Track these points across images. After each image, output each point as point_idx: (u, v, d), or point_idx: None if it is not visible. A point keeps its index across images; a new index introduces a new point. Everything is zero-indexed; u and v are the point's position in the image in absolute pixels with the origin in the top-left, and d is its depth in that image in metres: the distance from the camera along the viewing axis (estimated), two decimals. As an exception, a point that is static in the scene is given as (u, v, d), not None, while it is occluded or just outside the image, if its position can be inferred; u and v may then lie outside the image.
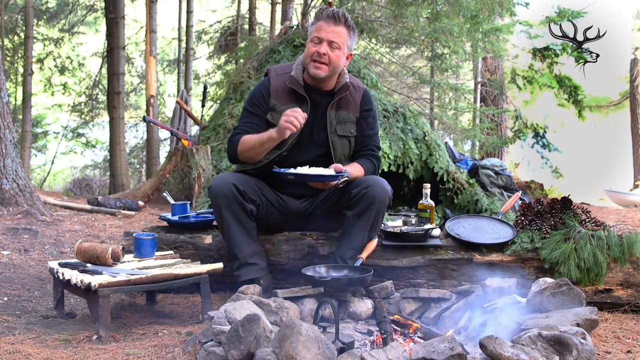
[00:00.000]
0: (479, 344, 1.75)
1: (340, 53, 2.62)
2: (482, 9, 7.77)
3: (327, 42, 2.60)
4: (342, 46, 2.62)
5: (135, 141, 16.16)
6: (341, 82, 2.72)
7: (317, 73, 2.62)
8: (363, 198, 2.54)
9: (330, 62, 2.61)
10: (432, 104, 12.41)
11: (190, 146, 6.45)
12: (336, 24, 2.61)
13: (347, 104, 2.74)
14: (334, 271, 2.40)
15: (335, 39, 2.60)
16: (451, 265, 2.70)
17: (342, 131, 2.72)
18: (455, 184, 5.52)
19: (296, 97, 2.70)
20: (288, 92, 2.71)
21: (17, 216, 4.71)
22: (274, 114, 2.70)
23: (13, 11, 12.79)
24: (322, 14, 2.64)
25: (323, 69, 2.62)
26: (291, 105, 2.67)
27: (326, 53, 2.59)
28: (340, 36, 2.61)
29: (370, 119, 2.80)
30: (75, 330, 2.32)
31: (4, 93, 4.97)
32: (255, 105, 2.74)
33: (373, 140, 2.80)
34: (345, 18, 2.63)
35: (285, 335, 1.68)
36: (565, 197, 2.83)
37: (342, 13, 2.63)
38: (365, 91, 2.83)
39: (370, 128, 2.79)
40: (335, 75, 2.69)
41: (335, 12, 2.62)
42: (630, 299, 2.63)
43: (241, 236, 2.57)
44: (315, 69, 2.62)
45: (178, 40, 13.76)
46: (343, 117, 2.73)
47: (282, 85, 2.72)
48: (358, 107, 2.77)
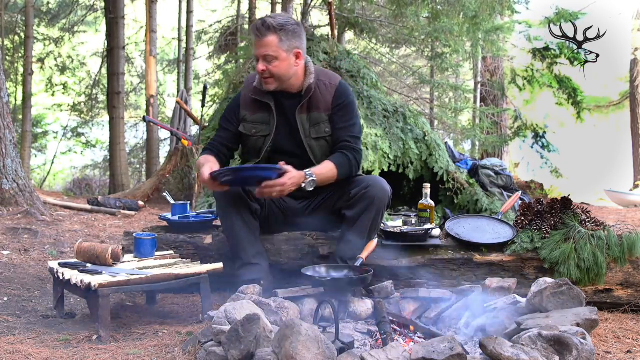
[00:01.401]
0: (479, 344, 1.75)
1: (278, 62, 2.55)
2: (482, 8, 7.77)
3: (261, 58, 2.56)
4: (277, 55, 2.54)
5: (135, 141, 16.16)
6: (306, 84, 2.65)
7: (266, 88, 2.62)
8: (362, 198, 2.53)
9: (273, 74, 2.57)
10: (432, 104, 12.42)
11: (190, 146, 6.45)
12: (263, 36, 2.54)
13: (317, 104, 2.67)
14: (334, 271, 2.40)
15: (266, 52, 2.54)
16: (451, 265, 2.70)
17: (316, 133, 2.66)
18: (455, 184, 5.52)
19: (263, 105, 2.69)
20: (255, 101, 2.70)
21: (17, 216, 4.71)
22: (245, 124, 2.72)
23: (13, 11, 12.79)
24: (251, 29, 2.61)
25: (270, 82, 2.60)
26: (259, 114, 2.69)
27: (265, 68, 2.56)
28: (271, 46, 2.53)
29: (343, 110, 2.68)
30: (75, 330, 2.32)
31: (4, 93, 4.97)
32: (226, 120, 2.78)
33: (348, 131, 2.67)
34: (268, 25, 2.54)
35: (285, 335, 1.68)
36: (565, 197, 2.83)
37: (263, 22, 2.55)
38: (338, 86, 2.70)
39: (344, 121, 2.67)
40: (288, 80, 2.62)
41: (258, 25, 2.56)
42: (630, 299, 2.63)
43: (246, 236, 2.57)
44: (265, 85, 2.61)
45: (178, 40, 13.76)
46: (315, 118, 2.66)
47: (249, 95, 2.73)
48: (329, 105, 2.67)
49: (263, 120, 2.69)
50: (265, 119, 2.69)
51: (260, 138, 2.69)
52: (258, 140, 2.70)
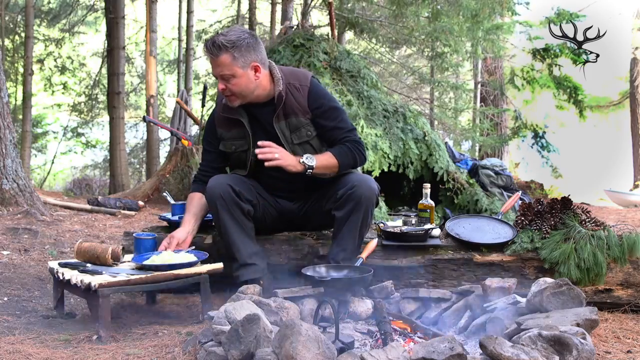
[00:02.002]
0: (479, 344, 1.75)
1: (236, 80, 2.52)
2: (482, 8, 7.77)
3: (219, 77, 2.54)
4: (233, 72, 2.50)
5: (135, 141, 16.17)
6: (276, 91, 2.60)
7: (232, 104, 2.60)
8: (350, 198, 2.52)
9: (234, 92, 2.55)
10: (432, 104, 12.42)
11: (190, 146, 6.46)
12: (215, 56, 2.50)
13: (293, 109, 2.62)
14: (334, 271, 2.40)
15: (221, 71, 2.51)
16: (451, 265, 2.70)
17: (298, 138, 2.63)
18: (455, 184, 5.52)
19: (234, 122, 2.67)
20: (227, 118, 2.69)
21: (17, 216, 4.71)
22: (224, 142, 2.72)
23: (13, 11, 12.80)
24: (204, 50, 2.61)
25: (233, 99, 2.58)
26: (234, 131, 2.68)
27: (224, 87, 2.54)
28: (225, 65, 2.50)
29: (327, 112, 2.64)
30: (75, 330, 2.32)
31: (4, 93, 4.97)
32: (207, 142, 2.81)
33: (341, 129, 2.65)
34: (219, 45, 2.47)
35: (285, 335, 1.68)
36: (565, 197, 2.82)
37: (213, 42, 2.50)
38: (310, 88, 2.64)
39: (331, 120, 2.64)
40: (251, 93, 2.58)
41: (209, 45, 2.52)
42: (630, 299, 2.63)
43: (239, 237, 2.56)
44: (229, 102, 2.60)
45: (178, 40, 13.77)
46: (294, 124, 2.62)
47: (221, 114, 2.72)
48: (306, 108, 2.63)
49: (239, 136, 2.68)
50: (242, 134, 2.67)
51: (242, 153, 2.69)
52: (241, 155, 2.70)
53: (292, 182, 2.66)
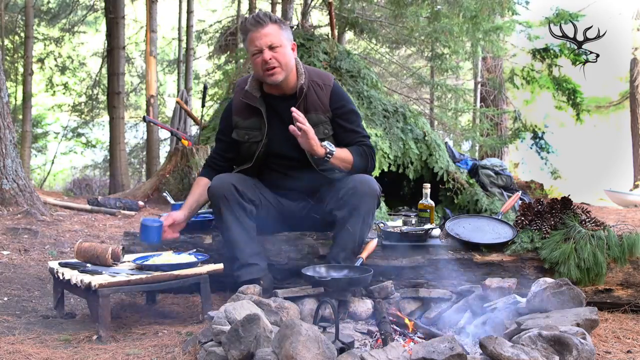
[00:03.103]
0: (479, 344, 1.75)
1: (283, 50, 2.57)
2: (482, 9, 7.77)
3: (266, 48, 2.55)
4: (281, 42, 2.56)
5: (135, 141, 16.17)
6: (298, 84, 2.65)
7: (274, 79, 2.58)
8: (351, 198, 2.52)
9: (280, 62, 2.56)
10: (432, 104, 12.42)
11: (190, 146, 6.45)
12: (263, 26, 2.54)
13: (314, 106, 2.66)
14: (334, 271, 2.40)
15: (271, 40, 2.54)
16: (451, 265, 2.70)
17: (315, 135, 2.63)
18: (455, 184, 5.52)
19: (254, 110, 2.68)
20: (246, 106, 2.70)
21: (17, 216, 4.71)
22: (238, 130, 2.72)
23: (13, 11, 12.80)
24: (246, 25, 2.60)
25: (278, 72, 2.57)
26: (250, 120, 2.68)
27: (271, 57, 2.55)
28: (274, 35, 2.55)
29: (347, 114, 2.71)
30: (75, 330, 2.32)
31: (4, 93, 4.97)
32: (221, 131, 2.82)
33: (357, 132, 2.71)
34: (269, 16, 2.58)
35: (285, 335, 1.68)
36: (565, 197, 2.82)
37: (264, 13, 2.59)
38: (333, 88, 2.70)
39: (350, 122, 2.70)
40: (291, 72, 2.62)
41: (257, 16, 2.57)
42: (630, 299, 2.63)
43: (241, 236, 2.57)
44: (271, 76, 2.58)
45: (178, 40, 13.77)
46: (313, 120, 2.63)
47: (241, 100, 2.72)
48: (328, 107, 2.67)
49: (255, 126, 2.68)
50: (257, 124, 2.68)
51: (253, 144, 2.69)
52: (251, 146, 2.70)
53: (296, 177, 2.67)
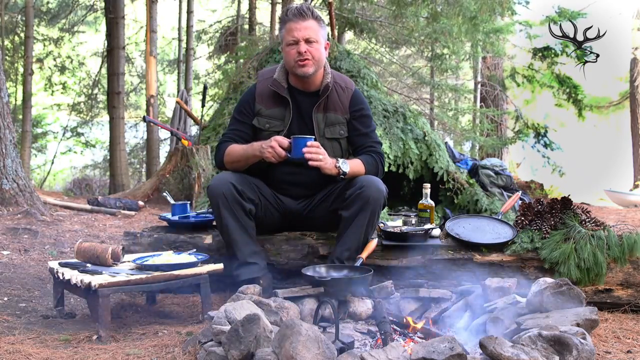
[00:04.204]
0: (479, 344, 1.75)
1: (318, 46, 2.63)
2: (482, 9, 7.77)
3: (303, 40, 2.60)
4: (317, 38, 2.62)
5: (135, 141, 16.15)
6: (324, 83, 2.70)
7: (305, 71, 2.62)
8: (357, 199, 2.53)
9: (313, 57, 2.62)
10: (432, 104, 12.41)
11: (190, 146, 6.45)
12: (305, 19, 2.60)
13: (334, 106, 2.72)
14: (334, 271, 2.40)
15: (309, 34, 2.60)
16: (451, 265, 2.70)
17: (330, 133, 2.71)
18: (455, 184, 5.51)
19: (279, 100, 2.71)
20: (272, 95, 2.72)
21: (17, 216, 4.71)
22: (260, 118, 2.73)
23: (13, 11, 12.79)
24: (288, 15, 2.64)
25: (309, 65, 2.62)
26: (275, 108, 2.70)
27: (307, 50, 2.60)
28: (313, 30, 2.61)
29: (364, 118, 2.77)
30: (75, 330, 2.32)
31: (4, 93, 4.97)
32: (242, 112, 2.79)
33: (370, 137, 2.77)
34: (312, 11, 2.64)
35: (285, 335, 1.68)
36: (565, 197, 2.82)
37: (307, 7, 2.63)
38: (354, 92, 2.78)
39: (365, 127, 2.76)
40: (320, 68, 2.68)
41: (300, 8, 2.62)
42: (630, 299, 2.63)
43: (240, 236, 2.57)
44: (302, 68, 2.62)
45: (178, 40, 13.76)
46: (331, 119, 2.71)
47: (267, 89, 2.73)
48: (347, 109, 2.74)
49: (278, 116, 2.72)
50: (281, 114, 2.71)
51: (273, 133, 2.69)
52: (270, 135, 2.69)
53: (303, 174, 2.68)
